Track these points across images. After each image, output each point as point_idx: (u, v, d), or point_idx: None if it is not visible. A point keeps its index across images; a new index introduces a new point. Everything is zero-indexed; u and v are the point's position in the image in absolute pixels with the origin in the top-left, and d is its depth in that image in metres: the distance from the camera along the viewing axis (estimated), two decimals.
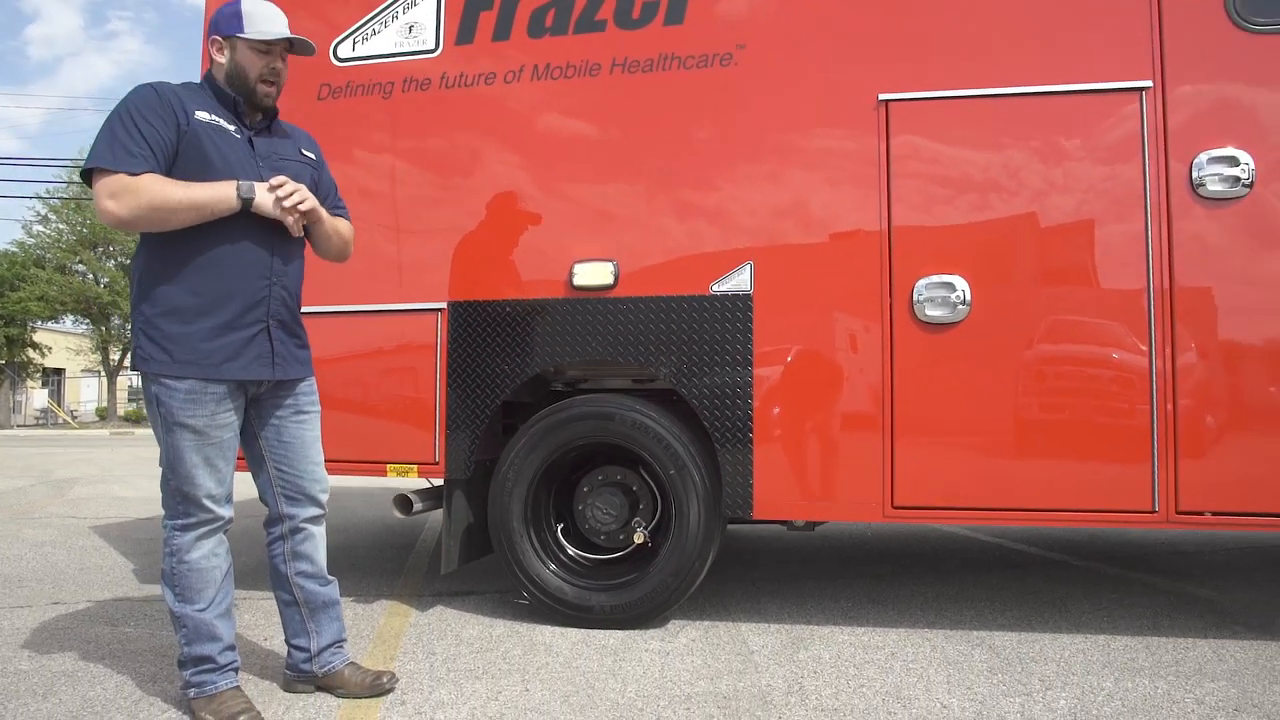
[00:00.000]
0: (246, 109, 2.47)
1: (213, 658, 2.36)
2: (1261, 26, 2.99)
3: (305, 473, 2.55)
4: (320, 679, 2.58)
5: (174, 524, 2.37)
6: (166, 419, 2.31)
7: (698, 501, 3.25)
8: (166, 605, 2.40)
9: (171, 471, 2.34)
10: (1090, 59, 3.08)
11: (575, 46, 3.47)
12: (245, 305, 2.37)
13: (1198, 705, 2.49)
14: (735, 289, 3.24)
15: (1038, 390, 3.04)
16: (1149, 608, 3.56)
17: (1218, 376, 2.94)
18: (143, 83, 2.39)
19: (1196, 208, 2.98)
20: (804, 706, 2.52)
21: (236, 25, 2.42)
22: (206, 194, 2.26)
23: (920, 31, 3.20)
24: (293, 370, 2.51)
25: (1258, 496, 2.91)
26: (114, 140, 2.24)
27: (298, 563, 2.55)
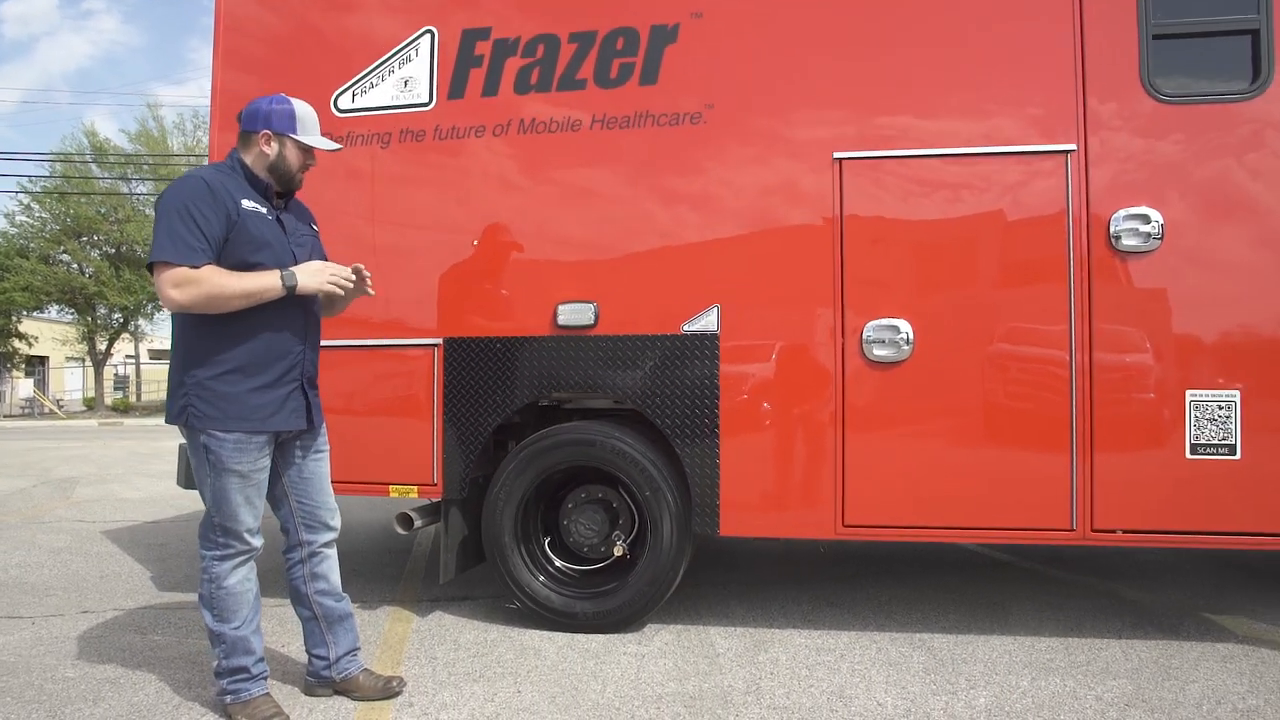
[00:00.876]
0: (274, 192, 2.81)
1: (247, 668, 2.72)
2: (1171, 98, 3.35)
3: (322, 504, 2.91)
4: (338, 684, 2.94)
5: (212, 554, 2.72)
6: (215, 466, 2.66)
7: (670, 519, 3.62)
8: (205, 623, 2.76)
9: (217, 510, 2.69)
10: (1023, 124, 3.44)
11: (558, 103, 3.80)
12: (285, 368, 2.74)
13: (1096, 701, 2.89)
14: (703, 329, 3.60)
15: (972, 422, 3.42)
16: (1078, 609, 3.97)
17: (1129, 412, 3.32)
18: (191, 173, 2.73)
19: (1114, 259, 3.36)
20: (759, 705, 2.91)
21: (290, 126, 2.79)
22: (257, 284, 2.62)
23: (872, 97, 3.55)
24: (318, 419, 2.87)
25: (1161, 517, 3.32)
26: (174, 235, 2.57)
27: (316, 582, 2.91)
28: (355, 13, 4.04)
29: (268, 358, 2.73)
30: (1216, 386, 3.29)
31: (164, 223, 2.61)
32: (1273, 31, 3.30)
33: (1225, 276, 3.31)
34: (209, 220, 2.61)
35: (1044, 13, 3.43)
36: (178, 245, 2.57)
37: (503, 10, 3.88)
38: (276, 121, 2.79)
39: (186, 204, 2.62)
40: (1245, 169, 3.33)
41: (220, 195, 2.66)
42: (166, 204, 2.65)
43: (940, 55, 3.52)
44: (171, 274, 2.57)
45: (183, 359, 2.74)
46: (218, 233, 2.63)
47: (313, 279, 2.70)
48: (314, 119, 2.90)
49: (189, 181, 2.69)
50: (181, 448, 4.21)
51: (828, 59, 3.59)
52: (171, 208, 2.62)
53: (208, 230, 2.60)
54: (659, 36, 3.71)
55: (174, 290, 2.57)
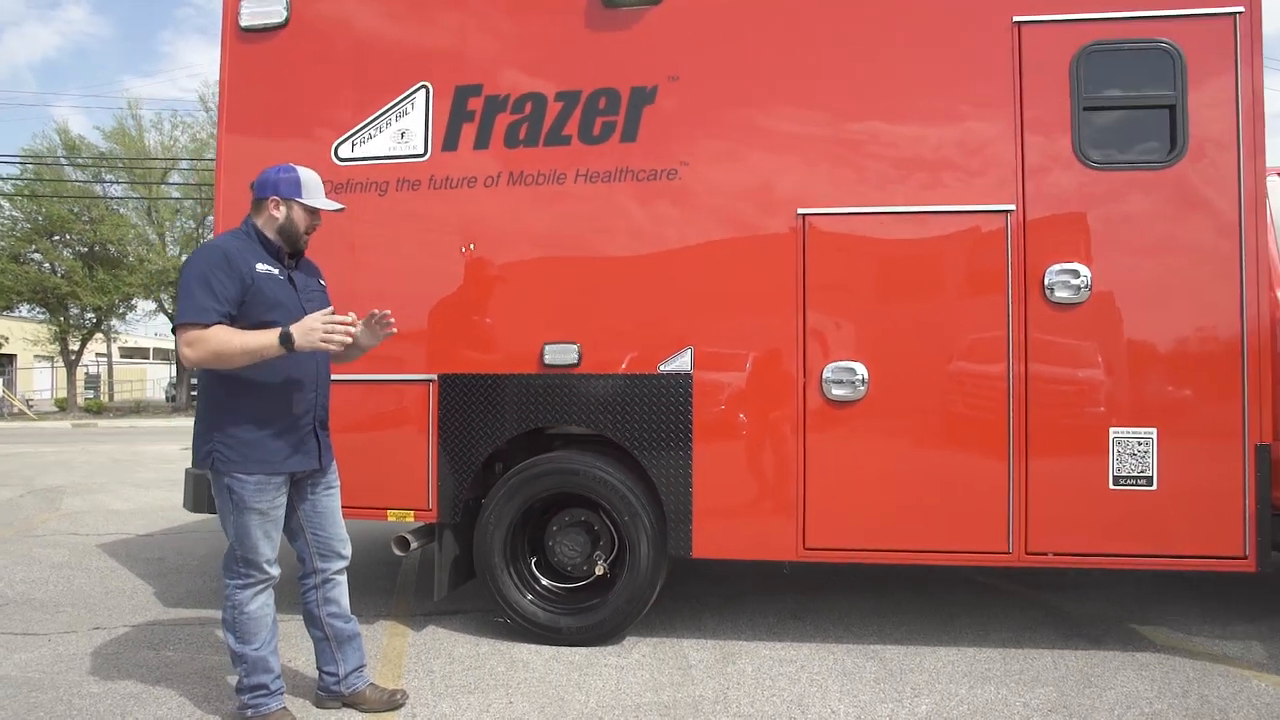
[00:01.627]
0: (280, 251, 3.10)
1: (267, 685, 3.03)
2: (1099, 164, 3.74)
3: (335, 535, 3.22)
4: (346, 697, 3.25)
5: (235, 583, 3.01)
6: (238, 505, 2.95)
7: (648, 542, 3.96)
8: (228, 645, 3.05)
9: (239, 544, 2.98)
10: (968, 186, 3.81)
11: (545, 157, 4.11)
12: (299, 414, 3.04)
13: (1023, 707, 3.27)
14: (678, 368, 3.94)
15: (920, 455, 3.79)
16: (1018, 621, 4.35)
17: (1059, 448, 3.71)
18: (211, 242, 3.04)
19: (1048, 308, 3.74)
20: (726, 713, 3.25)
21: (296, 191, 3.08)
22: (258, 343, 2.88)
23: (834, 159, 3.90)
24: (328, 459, 3.16)
25: (1087, 541, 3.71)
26: (191, 298, 2.88)
27: (328, 606, 3.21)
28: (355, 67, 4.31)
29: (283, 405, 3.02)
30: (1136, 424, 3.68)
31: (184, 289, 2.92)
32: (1187, 107, 3.69)
33: (1144, 326, 3.70)
34: (225, 285, 2.91)
35: (990, 88, 3.80)
36: (191, 308, 2.88)
37: (493, 69, 4.18)
38: (284, 188, 3.08)
39: (204, 271, 2.93)
40: (1163, 230, 3.72)
41: (236, 262, 2.96)
42: (188, 271, 2.96)
43: (899, 123, 3.87)
44: (185, 334, 2.89)
45: (208, 408, 3.03)
46: (233, 295, 2.92)
47: (307, 337, 2.90)
48: (318, 183, 3.19)
49: (209, 250, 3.00)
50: (188, 473, 4.50)
51: (795, 123, 3.93)
52: (192, 275, 2.93)
53: (221, 294, 2.90)
54: (639, 97, 4.04)
55: (186, 348, 2.88)
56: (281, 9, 4.35)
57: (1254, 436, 3.62)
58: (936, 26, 3.87)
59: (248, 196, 3.52)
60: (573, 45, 4.12)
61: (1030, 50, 3.78)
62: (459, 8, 4.25)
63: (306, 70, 4.37)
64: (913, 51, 3.88)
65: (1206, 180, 3.69)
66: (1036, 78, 3.77)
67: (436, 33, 4.25)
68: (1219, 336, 3.66)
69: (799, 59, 3.95)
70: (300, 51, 4.36)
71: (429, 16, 4.27)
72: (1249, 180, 3.66)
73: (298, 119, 4.37)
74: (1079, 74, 3.74)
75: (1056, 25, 3.77)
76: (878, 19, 3.93)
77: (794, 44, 3.96)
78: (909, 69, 3.89)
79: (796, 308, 3.87)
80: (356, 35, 4.32)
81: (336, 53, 4.33)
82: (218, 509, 3.06)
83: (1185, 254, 3.70)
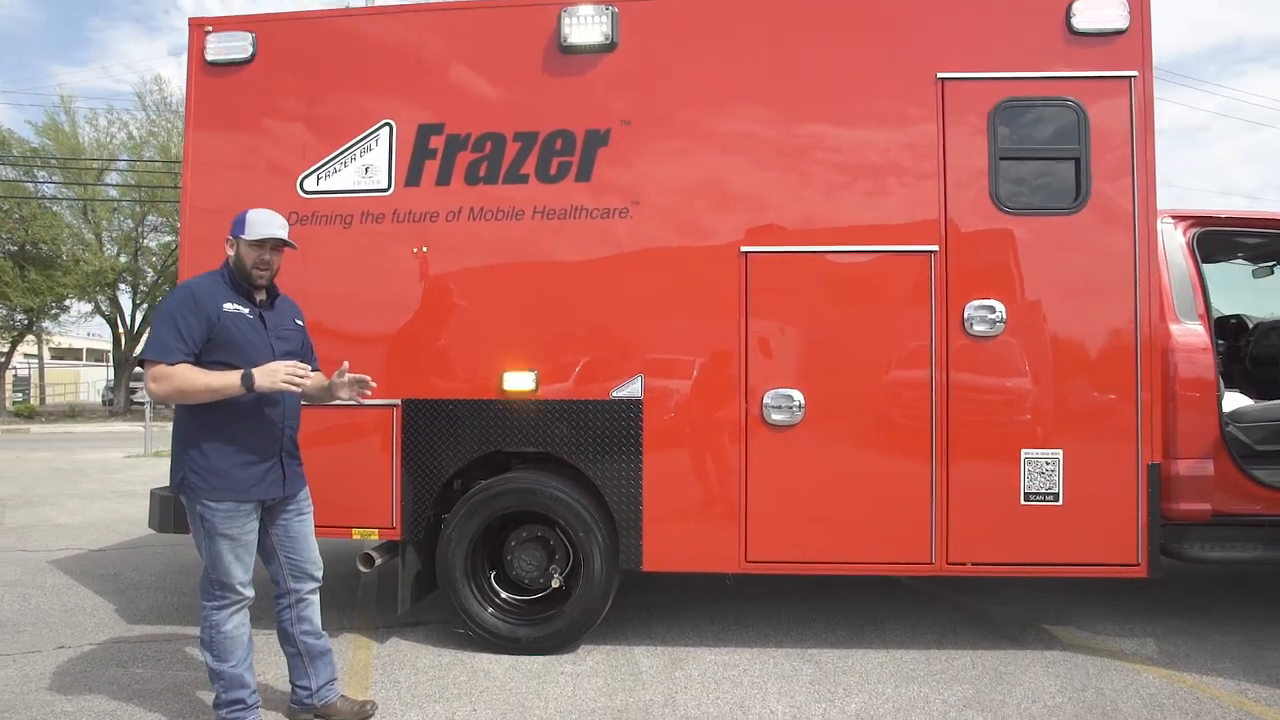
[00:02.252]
0: (252, 290, 3.29)
1: (244, 699, 3.21)
2: (1013, 210, 4.12)
3: (307, 558, 3.41)
4: (318, 710, 3.45)
5: (211, 605, 3.19)
6: (210, 531, 3.13)
7: (600, 556, 4.22)
8: (206, 662, 3.23)
9: (213, 567, 3.16)
10: (897, 228, 4.15)
11: (503, 194, 4.34)
12: (265, 446, 3.22)
13: (941, 704, 3.62)
14: (629, 395, 4.21)
15: (852, 476, 4.12)
16: (943, 623, 4.73)
17: (977, 468, 4.07)
18: (184, 283, 3.25)
19: (967, 341, 4.10)
20: (675, 716, 3.54)
21: (240, 229, 3.27)
22: (220, 382, 3.09)
23: (777, 201, 4.21)
24: (296, 486, 3.36)
25: (1001, 552, 4.08)
26: (159, 337, 3.09)
27: (301, 624, 3.41)
28: (320, 103, 4.48)
29: (251, 437, 3.22)
30: (1045, 446, 4.07)
31: (154, 327, 3.15)
32: (1090, 159, 4.09)
33: (1052, 357, 4.09)
34: (190, 324, 3.12)
35: (917, 139, 4.15)
36: (157, 346, 3.10)
37: (455, 108, 4.40)
38: (234, 228, 3.30)
39: (172, 311, 3.15)
40: (1070, 270, 4.11)
41: (203, 302, 3.16)
42: (159, 311, 3.20)
43: (834, 167, 4.20)
44: (151, 370, 3.10)
45: (181, 437, 3.22)
46: (198, 335, 3.13)
47: (268, 379, 3.11)
48: (266, 220, 3.30)
49: (179, 291, 3.22)
50: (154, 494, 4.63)
51: (739, 170, 4.23)
52: (161, 314, 3.17)
53: (187, 333, 3.11)
54: (593, 139, 4.30)
55: (151, 383, 3.10)
56: (247, 45, 4.50)
57: (1147, 456, 4.04)
58: (868, 81, 4.21)
59: (213, 229, 3.73)
60: (531, 88, 4.36)
61: (952, 104, 4.14)
62: (421, 50, 4.45)
63: (272, 104, 4.53)
64: (847, 107, 4.21)
65: (1106, 225, 4.10)
66: (958, 130, 4.13)
67: (399, 73, 4.44)
68: (1117, 366, 4.07)
69: (744, 107, 4.25)
70: (266, 86, 4.52)
71: (392, 58, 4.46)
72: (1143, 225, 4.08)
73: (263, 151, 4.52)
74: (996, 127, 4.12)
75: (976, 82, 4.14)
76: (816, 73, 4.24)
77: (738, 93, 4.26)
78: (845, 119, 4.22)
79: (739, 339, 4.17)
80: (321, 73, 4.49)
81: (302, 89, 4.50)
82: (193, 534, 3.23)
83: (1088, 292, 4.10)
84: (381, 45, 4.49)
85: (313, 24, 4.58)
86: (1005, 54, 4.14)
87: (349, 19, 4.61)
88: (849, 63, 4.24)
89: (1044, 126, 4.15)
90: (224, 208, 4.40)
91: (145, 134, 29.32)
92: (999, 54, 4.14)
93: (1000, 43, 4.15)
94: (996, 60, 4.14)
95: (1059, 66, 4.11)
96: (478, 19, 4.45)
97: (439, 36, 4.47)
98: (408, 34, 4.48)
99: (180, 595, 5.44)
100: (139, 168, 28.68)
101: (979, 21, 4.20)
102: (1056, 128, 4.14)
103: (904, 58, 4.20)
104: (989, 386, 4.11)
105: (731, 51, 4.27)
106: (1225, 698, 3.68)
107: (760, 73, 4.26)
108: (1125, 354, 4.07)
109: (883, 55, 4.23)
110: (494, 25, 4.43)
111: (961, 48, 4.17)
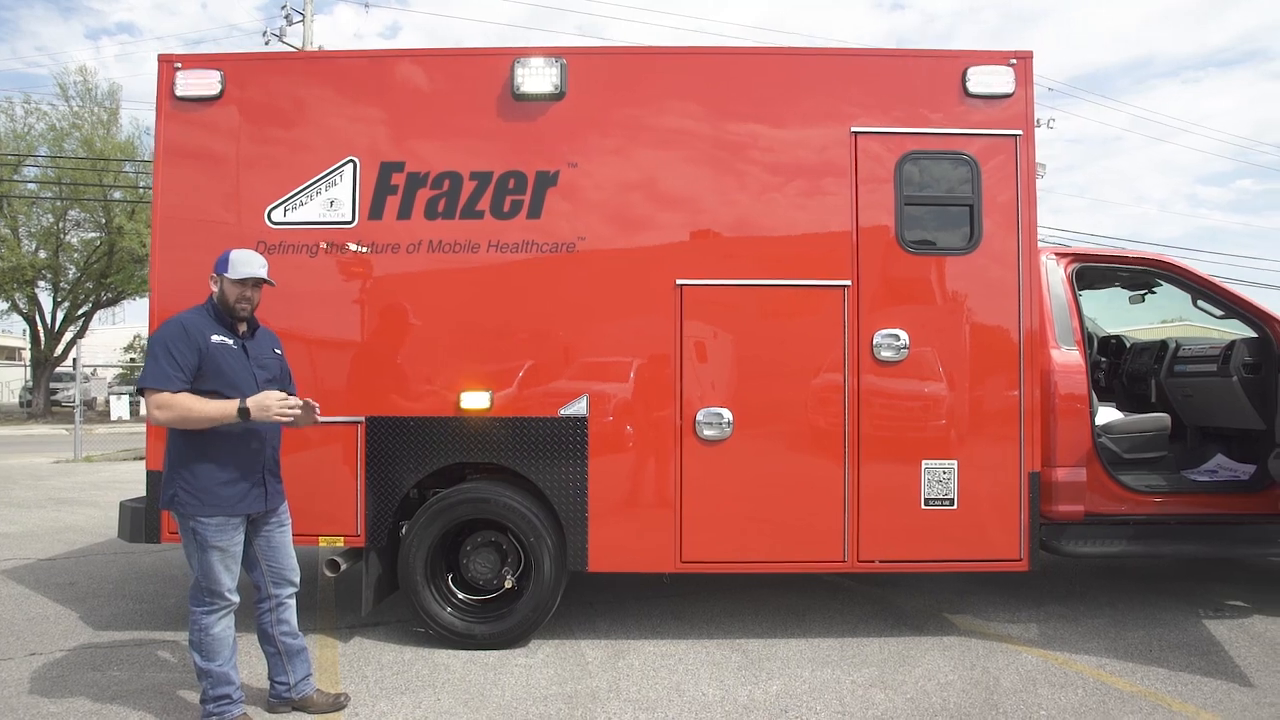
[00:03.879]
0: (235, 322, 3.63)
1: (230, 695, 3.55)
2: (916, 249, 4.68)
3: (287, 565, 3.77)
4: (296, 703, 3.80)
5: (200, 610, 3.53)
6: (202, 544, 3.47)
7: (549, 559, 4.64)
8: (194, 662, 3.56)
9: (204, 576, 3.50)
10: (814, 264, 4.67)
11: (460, 229, 4.72)
12: (248, 465, 3.57)
13: (851, 684, 4.16)
14: (576, 413, 4.64)
15: (774, 485, 4.64)
16: (856, 614, 5.29)
17: (884, 477, 4.63)
18: (174, 317, 3.57)
19: (875, 365, 4.65)
20: (619, 700, 3.99)
21: (224, 267, 3.61)
22: (219, 411, 3.42)
23: (708, 238, 4.69)
24: (277, 501, 3.72)
25: (905, 550, 4.65)
26: (158, 367, 3.41)
27: (280, 625, 3.76)
28: (287, 139, 4.79)
29: (237, 458, 3.56)
30: (942, 457, 4.65)
31: (150, 357, 3.47)
32: (981, 206, 4.68)
33: (949, 379, 4.67)
34: (184, 354, 3.46)
35: (832, 184, 4.68)
36: (158, 376, 3.43)
37: (414, 148, 4.76)
38: (218, 265, 3.64)
39: (166, 342, 3.48)
40: (964, 303, 4.69)
41: (193, 333, 3.50)
42: (153, 341, 3.53)
43: (761, 210, 4.70)
44: (155, 398, 3.42)
45: (172, 457, 3.55)
46: (191, 364, 3.47)
47: (262, 411, 3.46)
48: (248, 260, 3.65)
49: (170, 325, 3.55)
50: (124, 505, 4.89)
51: (675, 209, 4.70)
52: (157, 344, 3.50)
53: (183, 362, 3.45)
54: (543, 180, 4.71)
55: (155, 410, 3.43)
56: (216, 83, 4.78)
57: (1028, 466, 4.65)
58: (794, 133, 4.72)
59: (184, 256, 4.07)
60: (486, 131, 4.75)
61: (864, 155, 4.69)
62: (383, 93, 4.80)
63: (240, 139, 4.81)
64: (774, 154, 4.72)
65: (995, 263, 4.70)
66: (869, 178, 4.68)
67: (363, 114, 4.78)
68: (1003, 386, 4.67)
69: (678, 155, 4.72)
70: (235, 122, 4.80)
71: (356, 100, 4.80)
72: (1025, 263, 4.68)
73: (232, 183, 4.80)
74: (901, 176, 4.68)
75: (885, 136, 4.70)
76: (745, 126, 4.73)
77: (673, 143, 4.72)
78: (770, 165, 4.72)
79: (675, 362, 4.64)
80: (288, 112, 4.80)
81: (269, 126, 4.80)
82: (184, 546, 3.56)
83: (980, 322, 4.69)
84: (345, 89, 4.82)
85: (280, 64, 4.90)
86: (910, 112, 4.70)
87: (315, 60, 4.91)
88: (775, 118, 4.73)
89: (943, 177, 4.73)
90: (193, 235, 4.73)
91: (69, 125, 28.41)
92: (905, 112, 4.70)
93: (906, 102, 4.71)
94: (903, 117, 4.70)
95: (956, 124, 4.69)
96: (437, 65, 4.82)
97: (401, 80, 4.81)
98: (371, 77, 4.82)
99: (141, 602, 5.67)
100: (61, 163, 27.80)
101: (889, 82, 4.75)
102: (953, 178, 4.72)
103: (823, 114, 4.72)
104: (895, 405, 4.67)
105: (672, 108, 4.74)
106: (1088, 671, 4.31)
107: (696, 122, 4.73)
108: (1010, 376, 4.67)
109: (806, 112, 4.74)
110: (452, 72, 4.81)
111: (873, 105, 4.71)
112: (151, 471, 4.74)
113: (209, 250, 4.65)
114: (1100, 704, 3.93)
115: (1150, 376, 5.92)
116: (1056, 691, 4.07)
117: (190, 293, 4.67)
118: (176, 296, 4.73)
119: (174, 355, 3.43)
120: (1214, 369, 5.40)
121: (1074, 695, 4.03)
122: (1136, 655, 4.54)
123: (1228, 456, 5.69)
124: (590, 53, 4.84)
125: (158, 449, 4.69)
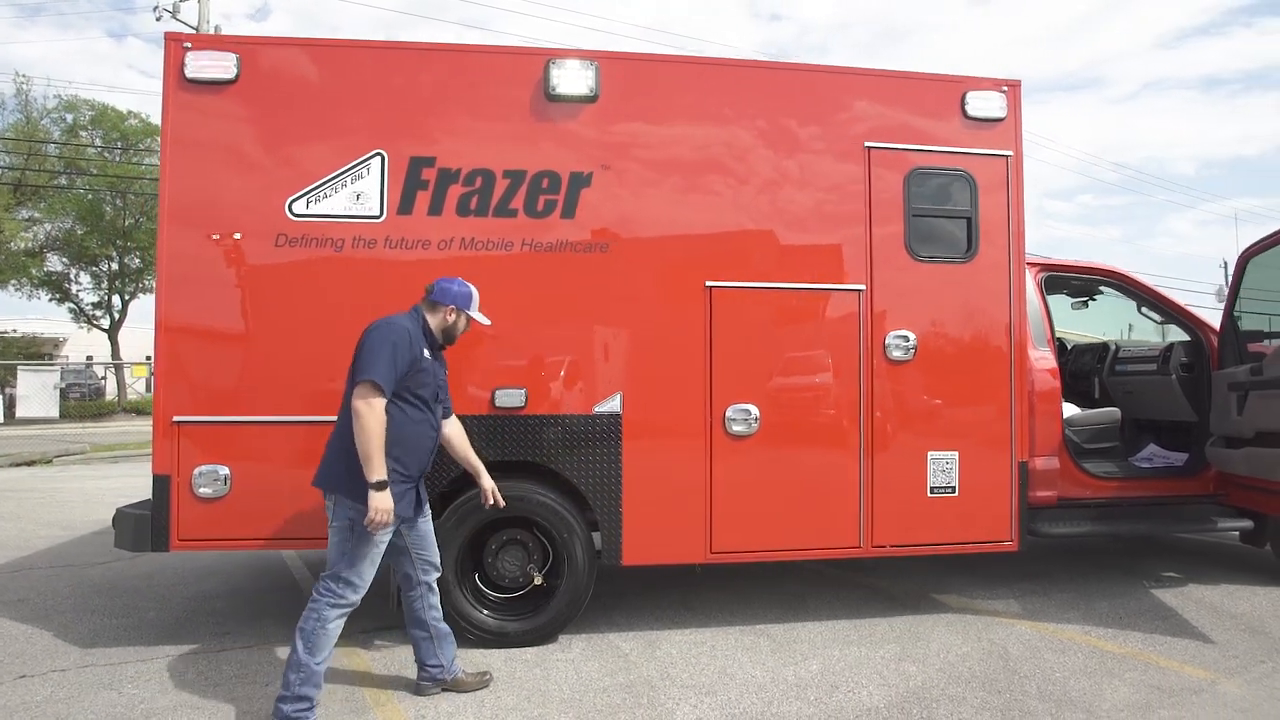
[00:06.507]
0: (438, 343, 3.84)
1: (311, 700, 3.48)
2: (922, 258, 5.06)
3: (432, 552, 3.98)
4: (448, 684, 4.01)
5: (327, 600, 3.53)
6: (361, 535, 3.53)
7: (584, 553, 4.72)
8: (295, 653, 3.49)
9: (348, 568, 3.54)
10: (834, 270, 4.97)
11: (493, 227, 4.73)
12: (414, 471, 3.76)
13: (881, 660, 4.47)
14: (610, 410, 4.74)
15: (799, 477, 4.90)
16: (851, 599, 5.62)
17: (894, 468, 4.98)
18: (400, 322, 3.68)
19: (887, 364, 4.99)
20: (676, 686, 4.13)
21: (468, 304, 3.90)
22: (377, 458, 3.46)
23: (737, 241, 4.89)
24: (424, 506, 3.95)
25: (914, 535, 5.01)
26: (381, 363, 3.53)
27: (431, 611, 3.94)
28: (310, 129, 4.64)
29: (415, 462, 3.76)
30: (945, 449, 5.04)
31: (380, 351, 3.53)
32: (978, 220, 5.11)
33: (950, 378, 5.07)
34: (403, 361, 3.61)
35: (849, 199, 4.99)
36: (387, 376, 3.54)
37: (446, 144, 4.72)
38: (461, 301, 3.87)
39: (395, 343, 3.58)
40: (964, 307, 5.11)
41: (415, 344, 3.67)
42: (382, 335, 3.59)
43: (784, 217, 4.95)
44: (372, 393, 3.49)
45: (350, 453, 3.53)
46: (403, 370, 3.59)
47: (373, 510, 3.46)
48: (477, 298, 3.98)
49: (398, 328, 3.65)
50: (122, 512, 4.61)
51: (707, 212, 4.88)
52: (387, 340, 3.57)
53: (400, 366, 3.59)
54: (577, 181, 4.79)
55: (362, 403, 3.48)
56: (232, 66, 4.58)
57: (1018, 456, 5.12)
58: (814, 144, 5.00)
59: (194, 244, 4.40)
60: (519, 130, 4.77)
61: (876, 169, 5.02)
62: (413, 87, 4.73)
63: (258, 127, 4.63)
64: (796, 163, 4.98)
65: (989, 271, 5.14)
66: (881, 190, 5.02)
67: (392, 105, 4.70)
68: (997, 384, 5.12)
69: (711, 159, 4.90)
70: (251, 108, 4.62)
71: (385, 90, 4.71)
72: (1015, 271, 5.15)
73: (248, 172, 4.61)
74: (909, 189, 5.04)
75: (894, 151, 5.05)
76: (770, 136, 4.97)
77: (706, 147, 4.90)
78: (792, 174, 4.98)
79: (705, 361, 4.82)
80: (311, 100, 4.65)
81: (290, 114, 4.64)
82: (334, 535, 3.59)
83: (977, 325, 5.12)
84: (374, 78, 4.71)
85: (302, 50, 4.72)
86: (918, 131, 5.07)
87: (340, 49, 4.76)
88: (797, 131, 5.00)
89: (945, 191, 5.13)
90: (205, 227, 4.53)
91: None
92: (913, 131, 5.07)
93: (914, 122, 5.08)
94: (911, 136, 5.06)
95: (957, 143, 5.10)
96: (470, 61, 4.79)
97: (432, 74, 4.75)
98: (400, 69, 4.73)
99: (115, 617, 5.31)
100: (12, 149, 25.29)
101: (899, 101, 5.11)
102: (954, 193, 5.13)
103: (840, 128, 5.03)
104: (903, 401, 5.03)
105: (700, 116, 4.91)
106: (1078, 638, 4.80)
107: (723, 130, 4.93)
108: (1002, 374, 5.13)
109: (824, 125, 5.03)
110: (485, 69, 4.79)
111: (885, 122, 5.06)
112: (158, 476, 4.49)
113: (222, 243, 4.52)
114: (1101, 664, 4.40)
115: (1093, 375, 6.59)
116: (1060, 656, 4.52)
117: (199, 286, 4.52)
118: (184, 290, 4.54)
119: (396, 361, 3.57)
120: (1154, 368, 6.09)
121: (1076, 658, 4.49)
122: (1110, 622, 5.09)
123: (1159, 445, 6.42)
124: (622, 58, 4.94)
125: (164, 451, 4.49)
